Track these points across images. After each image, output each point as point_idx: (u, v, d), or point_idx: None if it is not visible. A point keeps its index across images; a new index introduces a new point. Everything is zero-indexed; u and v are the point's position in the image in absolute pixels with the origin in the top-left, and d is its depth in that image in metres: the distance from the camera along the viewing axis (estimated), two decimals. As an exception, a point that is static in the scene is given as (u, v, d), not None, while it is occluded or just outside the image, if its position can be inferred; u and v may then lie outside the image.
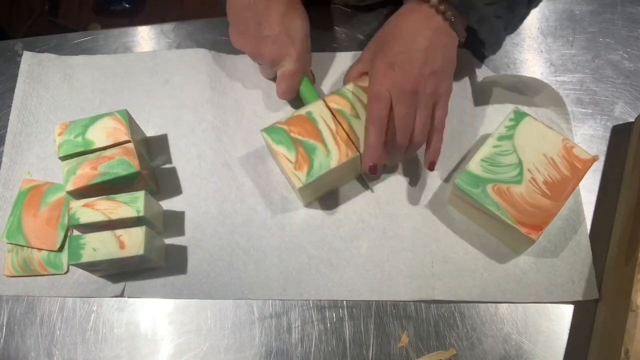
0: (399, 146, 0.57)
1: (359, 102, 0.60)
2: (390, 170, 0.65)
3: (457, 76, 0.68)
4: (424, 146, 0.60)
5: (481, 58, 0.69)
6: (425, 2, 0.57)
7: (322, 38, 0.72)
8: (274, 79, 0.67)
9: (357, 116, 0.60)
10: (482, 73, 0.68)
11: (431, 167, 0.60)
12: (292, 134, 0.59)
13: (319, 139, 0.59)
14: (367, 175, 0.59)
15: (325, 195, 0.64)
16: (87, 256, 0.56)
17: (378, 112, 0.56)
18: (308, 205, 0.64)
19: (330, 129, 0.59)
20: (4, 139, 0.69)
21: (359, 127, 0.59)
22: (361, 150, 0.58)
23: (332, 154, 0.58)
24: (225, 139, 0.67)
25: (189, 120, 0.68)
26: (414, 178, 0.64)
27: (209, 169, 0.66)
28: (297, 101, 0.67)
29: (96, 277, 0.62)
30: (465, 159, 0.65)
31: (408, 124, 0.56)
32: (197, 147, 0.67)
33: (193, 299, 0.61)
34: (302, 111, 0.60)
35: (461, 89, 0.68)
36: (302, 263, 0.61)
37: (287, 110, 0.68)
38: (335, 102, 0.60)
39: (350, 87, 0.61)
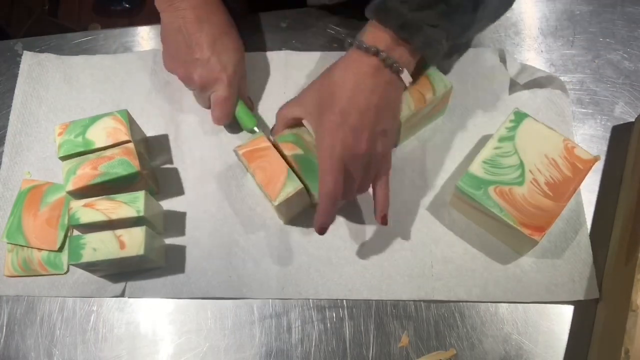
0: (342, 205, 0.59)
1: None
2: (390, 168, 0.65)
3: (457, 76, 0.68)
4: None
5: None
6: (373, 55, 0.53)
7: (322, 38, 0.72)
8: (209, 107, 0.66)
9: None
10: (483, 73, 0.68)
11: (384, 220, 0.57)
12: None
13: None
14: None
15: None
16: (87, 256, 0.56)
17: (334, 183, 0.52)
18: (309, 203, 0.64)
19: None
20: (4, 139, 0.69)
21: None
22: (400, 117, 0.58)
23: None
24: (226, 139, 0.67)
25: (190, 120, 0.68)
26: (415, 178, 0.64)
27: (210, 169, 0.66)
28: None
29: (96, 277, 0.62)
30: (466, 160, 0.65)
31: (355, 183, 0.55)
32: (198, 147, 0.67)
33: (193, 298, 0.61)
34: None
35: (462, 89, 0.68)
36: (301, 262, 0.61)
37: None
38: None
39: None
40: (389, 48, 0.53)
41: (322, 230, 0.55)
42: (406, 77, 0.55)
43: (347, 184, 0.54)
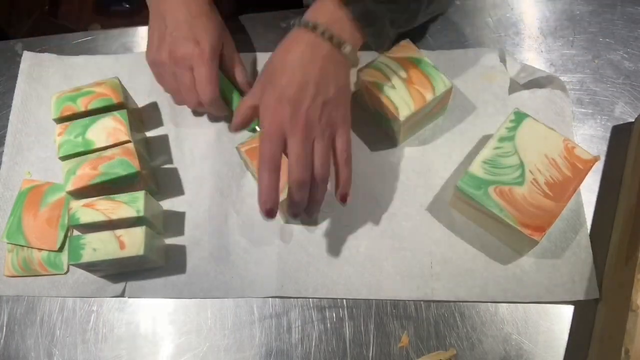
0: (301, 185, 0.54)
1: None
2: (390, 168, 0.65)
3: (457, 76, 0.68)
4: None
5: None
6: (312, 30, 0.53)
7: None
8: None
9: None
10: (483, 73, 0.68)
11: (343, 199, 0.57)
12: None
13: None
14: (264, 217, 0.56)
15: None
16: (87, 256, 0.56)
17: (269, 151, 0.52)
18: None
19: None
20: (4, 139, 0.69)
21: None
22: (402, 116, 0.59)
23: None
24: (226, 139, 0.67)
25: (190, 120, 0.68)
26: (414, 178, 0.64)
27: (210, 169, 0.66)
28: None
29: (96, 277, 0.62)
30: (466, 160, 0.65)
31: (306, 160, 0.53)
32: (198, 147, 0.67)
33: (193, 298, 0.61)
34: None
35: (462, 89, 0.68)
36: (300, 261, 0.61)
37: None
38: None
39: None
40: (329, 22, 0.54)
41: (268, 212, 0.53)
42: (351, 53, 0.55)
43: (296, 160, 0.53)
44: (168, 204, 0.65)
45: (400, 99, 0.60)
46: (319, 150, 0.54)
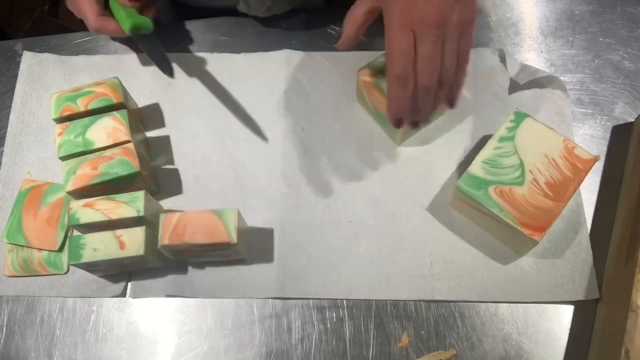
0: (426, 89, 0.50)
1: None
2: (390, 168, 0.65)
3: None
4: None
5: None
6: None
7: (322, 38, 0.72)
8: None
9: None
10: (483, 73, 0.68)
11: (452, 103, 0.54)
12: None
13: None
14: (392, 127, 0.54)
15: (325, 194, 0.64)
16: (87, 256, 0.56)
17: (403, 52, 0.48)
18: (309, 198, 0.63)
19: None
20: (4, 139, 0.68)
21: None
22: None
23: None
24: (229, 141, 0.67)
25: (192, 122, 0.68)
26: (415, 178, 0.64)
27: (212, 171, 0.66)
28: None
29: (96, 277, 0.62)
30: (466, 160, 0.65)
31: (436, 63, 0.50)
32: (200, 149, 0.67)
33: (194, 298, 0.61)
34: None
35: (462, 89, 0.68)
36: (301, 262, 0.61)
37: (291, 111, 0.68)
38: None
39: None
40: None
41: (396, 122, 0.52)
42: None
43: (424, 63, 0.49)
44: (168, 204, 0.65)
45: None
46: (449, 52, 0.50)
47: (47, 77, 0.72)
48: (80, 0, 0.61)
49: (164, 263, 0.61)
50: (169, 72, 0.64)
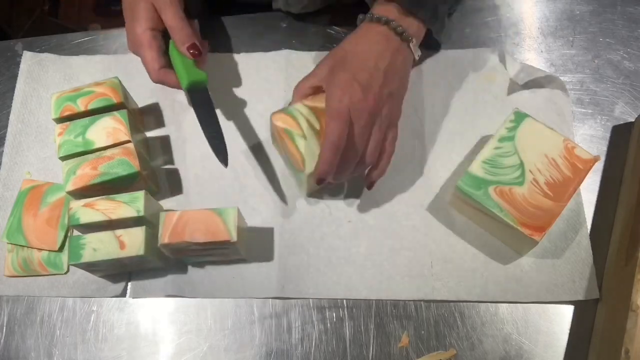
0: (348, 164, 0.56)
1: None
2: (390, 169, 0.65)
3: (457, 76, 0.68)
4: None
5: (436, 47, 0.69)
6: (384, 24, 0.57)
7: (322, 38, 0.72)
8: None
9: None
10: (483, 73, 0.68)
11: (370, 186, 0.60)
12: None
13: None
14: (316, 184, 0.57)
15: (325, 193, 0.64)
16: (87, 256, 0.56)
17: (339, 130, 0.53)
18: (310, 198, 0.63)
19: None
20: (4, 139, 0.69)
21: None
22: (308, 170, 0.57)
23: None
24: (227, 139, 0.67)
25: (190, 120, 0.68)
26: (415, 178, 0.64)
27: (211, 170, 0.66)
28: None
29: (96, 277, 0.62)
30: (466, 160, 0.65)
31: (362, 143, 0.55)
32: (198, 147, 0.67)
33: (194, 298, 0.61)
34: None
35: (462, 89, 0.68)
36: (301, 261, 0.61)
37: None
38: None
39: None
40: (398, 18, 0.57)
41: (320, 181, 0.55)
42: (415, 49, 0.58)
43: (352, 142, 0.54)
44: (168, 204, 0.65)
45: (309, 150, 0.57)
46: (376, 137, 0.56)
47: (47, 77, 0.72)
48: (143, 49, 0.61)
49: (164, 263, 0.61)
50: (223, 159, 0.60)
